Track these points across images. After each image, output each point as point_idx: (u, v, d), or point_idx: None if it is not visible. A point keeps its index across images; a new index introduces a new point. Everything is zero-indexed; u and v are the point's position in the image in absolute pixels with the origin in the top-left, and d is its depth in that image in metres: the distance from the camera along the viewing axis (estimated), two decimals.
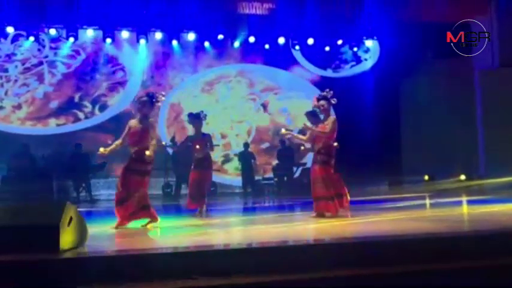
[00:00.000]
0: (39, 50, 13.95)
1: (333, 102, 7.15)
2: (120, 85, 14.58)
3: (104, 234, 5.90)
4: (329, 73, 15.49)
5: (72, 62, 14.22)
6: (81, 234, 4.71)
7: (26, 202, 5.35)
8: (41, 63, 14.04)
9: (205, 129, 8.36)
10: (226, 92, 15.07)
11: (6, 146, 12.77)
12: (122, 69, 14.63)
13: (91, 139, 13.46)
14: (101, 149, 6.43)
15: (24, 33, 13.20)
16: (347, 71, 15.53)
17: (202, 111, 8.20)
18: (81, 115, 14.17)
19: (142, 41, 13.49)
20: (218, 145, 8.86)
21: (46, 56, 14.08)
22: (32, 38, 13.15)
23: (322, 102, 7.12)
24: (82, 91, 14.28)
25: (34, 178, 11.21)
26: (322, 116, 7.24)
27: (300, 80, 15.34)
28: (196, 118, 8.08)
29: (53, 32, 13.23)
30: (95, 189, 12.62)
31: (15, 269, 3.94)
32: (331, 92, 7.19)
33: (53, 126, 14.01)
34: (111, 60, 14.51)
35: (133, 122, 6.56)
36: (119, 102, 14.22)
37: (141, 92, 14.30)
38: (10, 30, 12.82)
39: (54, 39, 13.79)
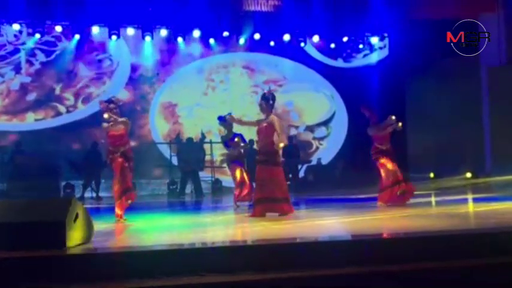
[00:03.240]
0: (15, 36, 12.65)
1: (271, 102, 7.04)
2: (106, 75, 13.38)
3: (110, 231, 5.92)
4: (340, 63, 14.70)
5: (52, 50, 12.94)
6: (87, 231, 4.72)
7: (32, 199, 5.38)
8: (17, 51, 12.75)
9: (204, 125, 8.56)
10: (226, 84, 14.31)
11: None
12: (109, 58, 13.43)
13: (73, 135, 12.41)
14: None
15: (30, 30, 12.70)
16: (359, 60, 14.80)
17: (230, 113, 8.60)
18: (62, 109, 13.00)
19: (148, 38, 13.44)
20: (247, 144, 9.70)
21: (23, 43, 12.74)
22: (38, 35, 12.92)
23: (261, 102, 7.08)
24: (63, 82, 13.06)
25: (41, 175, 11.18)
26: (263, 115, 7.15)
27: (307, 70, 14.43)
28: (222, 120, 8.75)
29: (58, 29, 12.98)
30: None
31: (21, 265, 3.95)
32: (273, 91, 7.17)
33: (30, 121, 12.80)
34: (97, 47, 13.24)
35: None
36: (105, 94, 12.57)
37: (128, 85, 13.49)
38: (16, 27, 12.68)
39: (33, 25, 12.26)
